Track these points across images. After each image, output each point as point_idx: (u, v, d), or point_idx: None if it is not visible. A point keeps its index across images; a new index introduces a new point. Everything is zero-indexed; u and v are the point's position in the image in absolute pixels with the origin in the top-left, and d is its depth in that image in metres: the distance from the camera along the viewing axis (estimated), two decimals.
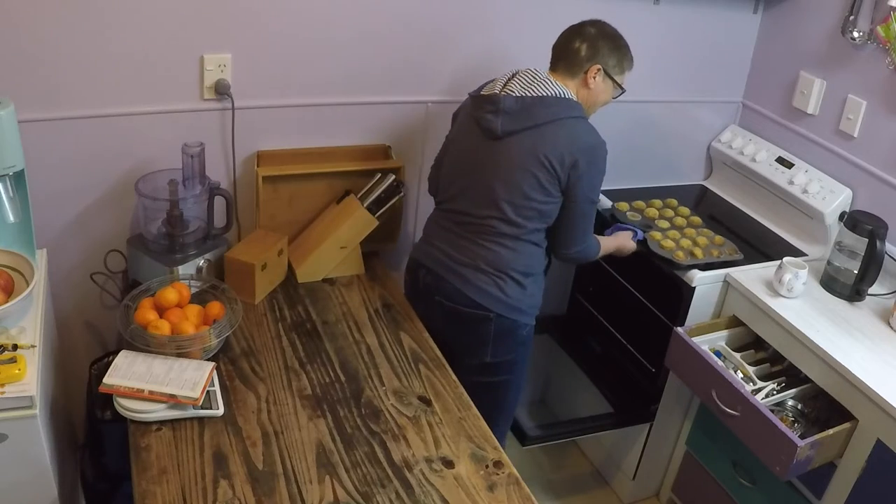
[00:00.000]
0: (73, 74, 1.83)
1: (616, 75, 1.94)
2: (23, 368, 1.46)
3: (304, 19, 2.00)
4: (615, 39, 1.94)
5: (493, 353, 1.99)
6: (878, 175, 2.24)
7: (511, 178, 1.86)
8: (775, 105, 2.58)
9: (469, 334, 1.98)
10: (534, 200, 1.87)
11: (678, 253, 2.21)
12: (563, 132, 1.84)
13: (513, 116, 1.85)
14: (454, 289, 1.95)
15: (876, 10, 2.18)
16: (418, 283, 2.05)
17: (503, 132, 1.86)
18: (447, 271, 1.96)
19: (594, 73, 1.90)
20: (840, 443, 1.89)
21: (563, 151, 1.83)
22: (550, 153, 1.82)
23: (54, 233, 1.97)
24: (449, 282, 1.95)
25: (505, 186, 1.87)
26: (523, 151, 1.84)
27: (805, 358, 1.98)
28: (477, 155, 1.92)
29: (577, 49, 1.90)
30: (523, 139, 1.85)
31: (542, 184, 1.85)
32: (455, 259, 1.96)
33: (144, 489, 1.43)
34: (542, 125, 1.84)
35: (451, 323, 1.99)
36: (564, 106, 1.87)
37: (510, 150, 1.86)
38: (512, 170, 1.86)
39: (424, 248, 2.04)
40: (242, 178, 2.14)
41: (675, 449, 2.49)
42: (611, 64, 1.92)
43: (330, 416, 1.67)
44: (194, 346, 1.71)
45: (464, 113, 1.99)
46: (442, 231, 2.01)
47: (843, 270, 2.14)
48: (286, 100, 2.08)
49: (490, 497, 1.52)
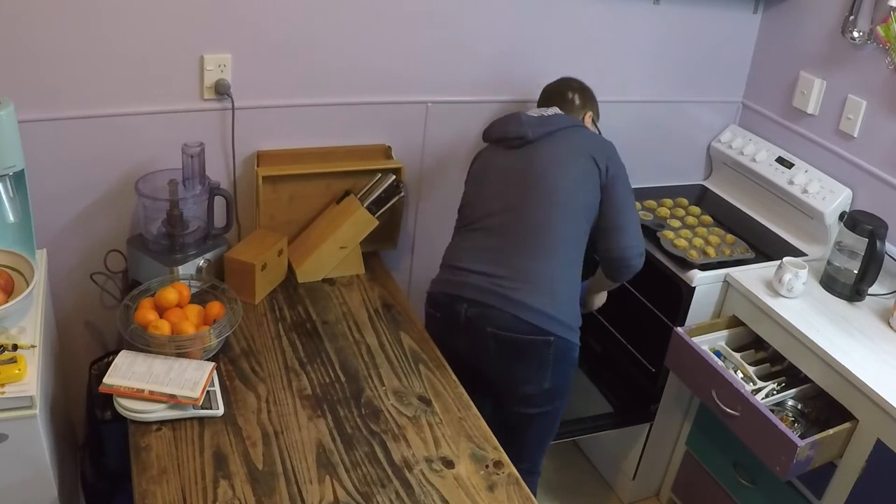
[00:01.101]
0: (72, 74, 1.83)
1: (597, 122, 2.16)
2: (23, 368, 1.45)
3: (304, 19, 2.00)
4: (592, 94, 2.15)
5: (552, 378, 1.86)
6: (878, 175, 2.24)
7: (551, 172, 1.89)
8: (775, 105, 2.58)
9: (528, 362, 1.85)
10: (580, 190, 1.89)
11: (691, 252, 2.22)
12: (586, 134, 2.00)
13: (536, 126, 1.96)
14: (510, 316, 1.79)
15: (876, 10, 2.18)
16: (459, 318, 1.86)
17: (534, 136, 1.94)
18: (497, 298, 1.81)
19: (589, 119, 2.10)
20: (840, 443, 1.89)
21: (594, 148, 1.94)
22: (585, 147, 1.93)
23: (54, 233, 1.97)
24: (502, 309, 1.80)
25: (547, 180, 1.89)
26: (558, 148, 1.93)
27: (805, 358, 1.98)
28: (511, 166, 1.95)
29: (572, 99, 2.10)
30: (553, 140, 1.94)
31: (585, 172, 1.90)
32: (504, 281, 1.81)
33: (144, 489, 1.43)
34: (565, 129, 1.97)
35: (508, 353, 1.84)
36: (574, 119, 2.04)
37: (545, 149, 1.93)
38: (551, 164, 1.90)
39: (459, 280, 1.87)
40: (242, 178, 2.14)
41: (675, 449, 2.49)
42: (595, 112, 2.14)
43: (330, 416, 1.67)
44: (194, 346, 1.71)
45: (485, 149, 2.05)
46: (478, 253, 1.88)
47: (843, 270, 2.14)
48: (286, 100, 2.08)
49: (490, 497, 1.52)
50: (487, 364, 1.89)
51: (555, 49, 2.32)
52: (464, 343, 1.90)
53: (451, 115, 2.30)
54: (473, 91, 2.29)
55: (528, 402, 1.92)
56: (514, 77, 2.31)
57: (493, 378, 1.91)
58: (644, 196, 2.55)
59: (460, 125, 2.33)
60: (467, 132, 2.35)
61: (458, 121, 2.32)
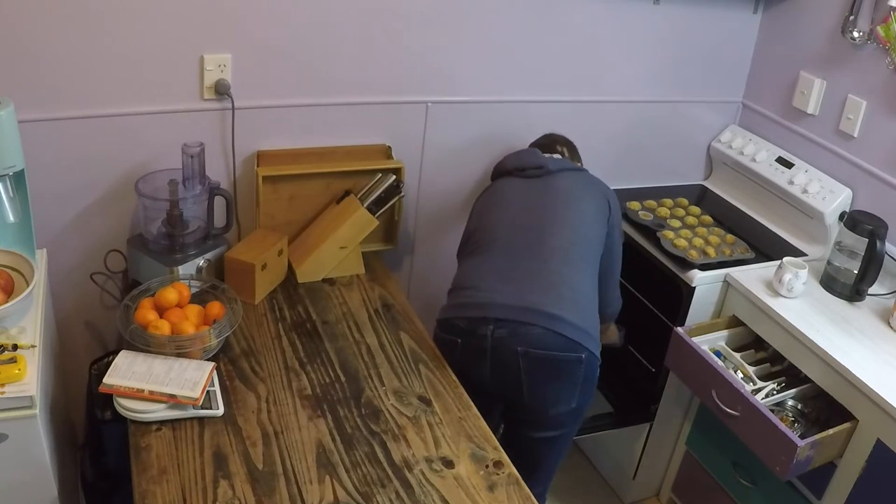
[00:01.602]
0: (73, 74, 1.83)
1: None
2: (23, 368, 1.45)
3: (304, 19, 2.00)
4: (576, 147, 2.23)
5: (580, 397, 1.82)
6: (878, 175, 2.24)
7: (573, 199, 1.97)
8: (775, 105, 2.58)
9: (561, 381, 1.79)
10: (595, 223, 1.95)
11: (691, 252, 2.22)
12: (594, 178, 2.08)
13: (551, 161, 2.05)
14: (543, 331, 1.73)
15: (876, 10, 2.18)
16: (485, 341, 1.77)
17: (554, 168, 2.02)
18: (528, 313, 1.74)
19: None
20: (840, 443, 1.89)
21: (605, 189, 2.04)
22: (597, 186, 2.03)
23: (54, 233, 1.97)
24: (534, 324, 1.73)
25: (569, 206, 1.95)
26: (575, 182, 2.01)
27: (805, 358, 1.98)
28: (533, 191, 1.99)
29: (561, 151, 2.17)
30: (568, 175, 2.03)
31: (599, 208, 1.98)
32: (533, 296, 1.77)
33: (144, 489, 1.43)
34: (574, 170, 2.07)
35: (540, 373, 1.77)
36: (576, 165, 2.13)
37: (564, 181, 2.01)
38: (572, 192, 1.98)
39: (482, 300, 1.80)
40: (242, 178, 2.14)
41: (675, 449, 2.49)
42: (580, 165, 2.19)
43: (330, 416, 1.67)
44: (194, 346, 1.71)
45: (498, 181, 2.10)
46: (501, 273, 1.83)
47: (843, 270, 2.14)
48: (286, 100, 2.08)
49: (490, 497, 1.52)
50: (515, 387, 1.79)
51: (555, 49, 2.32)
52: (490, 368, 1.80)
53: (451, 115, 2.30)
54: (473, 91, 2.29)
55: (554, 423, 1.85)
56: (514, 77, 2.31)
57: (520, 402, 1.82)
58: (644, 196, 2.55)
59: (460, 125, 2.33)
60: (467, 132, 2.35)
61: (458, 121, 2.32)
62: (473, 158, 2.40)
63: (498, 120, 2.36)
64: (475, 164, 2.41)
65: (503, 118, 2.36)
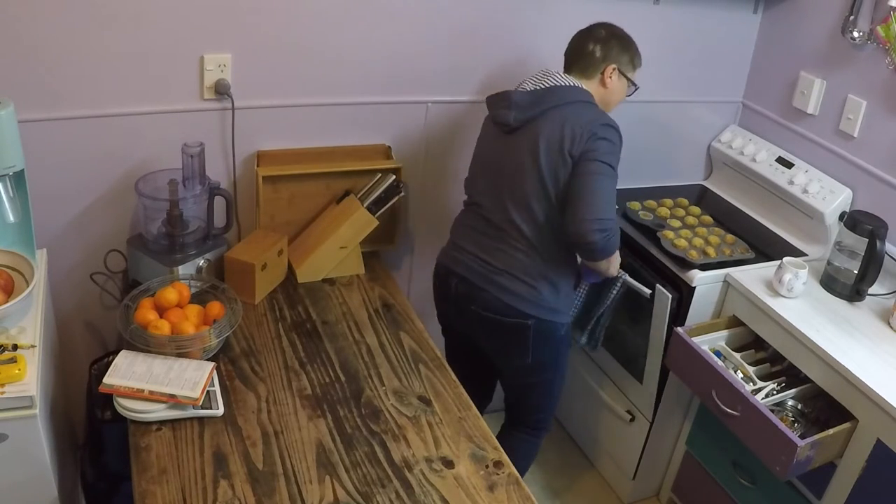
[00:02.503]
0: (73, 74, 1.83)
1: (629, 73, 2.00)
2: (23, 368, 1.45)
3: (304, 19, 2.00)
4: (624, 39, 1.99)
5: (534, 355, 1.99)
6: (878, 175, 2.24)
7: (525, 168, 1.87)
8: (775, 105, 2.58)
9: (509, 341, 1.99)
10: (552, 187, 1.85)
11: (691, 252, 2.22)
12: (571, 112, 1.86)
13: (524, 108, 1.89)
14: (492, 297, 1.92)
15: (876, 10, 2.18)
16: (450, 290, 2.01)
17: (515, 122, 1.89)
18: (482, 280, 1.93)
19: (610, 73, 1.95)
20: (840, 443, 1.89)
21: (575, 129, 1.82)
22: (560, 133, 1.83)
23: (54, 233, 1.97)
24: (486, 290, 1.93)
25: (522, 179, 1.88)
26: (536, 140, 1.86)
27: (805, 358, 1.98)
28: (495, 152, 1.96)
29: (592, 51, 1.95)
30: (534, 126, 1.87)
31: (556, 166, 1.84)
32: (489, 266, 1.93)
33: (144, 489, 1.43)
34: (550, 109, 1.87)
35: (489, 331, 1.99)
36: (574, 92, 1.91)
37: (523, 140, 1.89)
38: (525, 160, 1.87)
39: (454, 255, 2.01)
40: (242, 178, 2.14)
41: (675, 449, 2.49)
42: (623, 62, 1.97)
43: (330, 416, 1.67)
44: (194, 346, 1.71)
45: (486, 116, 2.02)
46: (471, 233, 1.99)
47: (843, 270, 2.14)
48: (286, 100, 2.08)
49: (490, 497, 1.52)
50: (475, 336, 2.05)
51: (555, 49, 2.32)
52: (454, 313, 2.07)
53: (451, 115, 2.30)
54: (473, 91, 2.29)
55: (518, 373, 2.07)
56: (514, 77, 2.30)
57: (482, 347, 2.06)
58: (644, 196, 2.55)
59: (460, 125, 2.33)
60: (467, 132, 2.35)
61: (458, 121, 2.32)
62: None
63: None
64: None
65: None
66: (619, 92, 2.00)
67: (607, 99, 1.99)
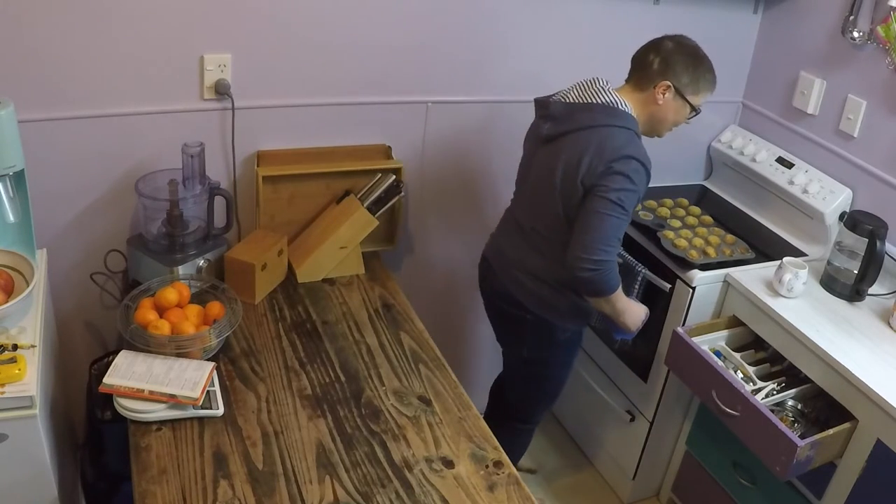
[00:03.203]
0: (73, 74, 1.83)
1: (689, 94, 1.85)
2: (23, 368, 1.45)
3: (304, 19, 2.00)
4: (693, 57, 1.84)
5: (529, 350, 2.08)
6: (878, 175, 2.24)
7: (546, 184, 1.84)
8: (775, 105, 2.58)
9: (508, 329, 2.13)
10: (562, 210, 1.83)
11: (692, 252, 2.22)
12: (596, 138, 1.77)
13: (559, 122, 1.84)
14: (502, 286, 2.03)
15: (876, 10, 2.18)
16: (481, 273, 2.16)
17: (547, 136, 1.85)
18: (501, 269, 2.04)
19: (663, 90, 1.82)
20: (840, 443, 1.89)
21: (593, 160, 1.75)
22: (578, 160, 1.77)
23: (54, 233, 1.97)
24: (500, 280, 2.04)
25: (544, 192, 1.86)
26: (557, 156, 1.81)
27: (805, 358, 1.98)
28: (530, 157, 1.97)
29: (651, 62, 1.83)
30: (561, 143, 1.82)
31: (570, 197, 1.80)
32: (508, 259, 2.02)
33: (144, 489, 1.43)
34: (579, 130, 1.80)
35: (496, 316, 2.16)
36: (610, 114, 1.80)
37: (551, 155, 1.84)
38: (547, 175, 1.84)
39: (491, 241, 2.13)
40: (242, 178, 2.14)
41: (675, 449, 2.49)
42: (683, 82, 1.83)
43: (330, 416, 1.67)
44: (194, 346, 1.71)
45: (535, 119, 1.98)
46: (505, 226, 2.08)
47: (843, 270, 2.14)
48: (286, 100, 2.08)
49: (490, 497, 1.52)
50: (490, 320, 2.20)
51: (555, 49, 2.32)
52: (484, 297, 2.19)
53: (451, 115, 2.30)
54: (473, 91, 2.29)
55: (515, 362, 2.18)
56: (514, 77, 2.31)
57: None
58: (644, 196, 2.53)
59: (460, 125, 2.33)
60: (467, 132, 2.35)
61: (458, 121, 2.32)
62: (473, 158, 2.40)
63: (498, 120, 2.36)
64: (475, 164, 2.41)
65: (503, 118, 2.35)
66: (672, 112, 1.86)
67: (658, 116, 1.86)
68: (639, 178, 1.76)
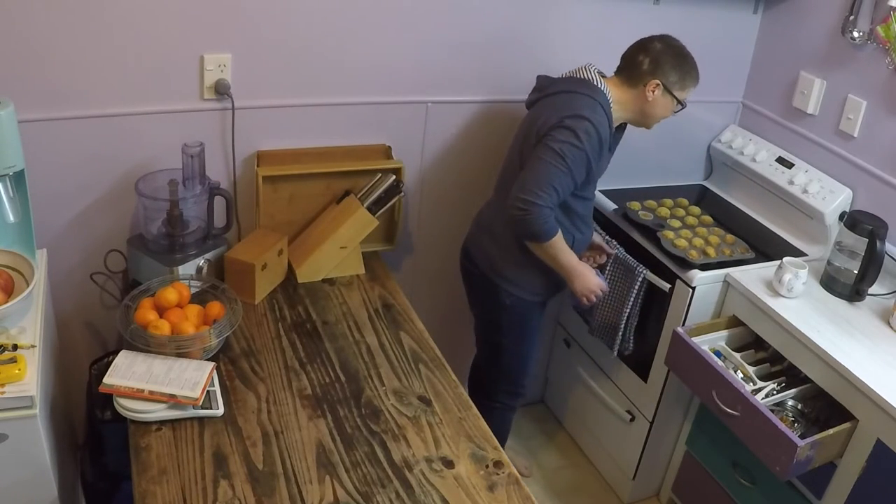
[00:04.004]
0: (73, 74, 1.83)
1: (676, 91, 1.97)
2: (23, 368, 1.46)
3: (304, 19, 2.00)
4: (679, 58, 1.96)
5: (480, 309, 2.23)
6: (878, 175, 2.24)
7: (516, 143, 2.02)
8: (775, 105, 2.58)
9: (467, 289, 2.26)
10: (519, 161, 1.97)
11: (692, 252, 2.22)
12: (561, 100, 1.93)
13: (539, 90, 2.03)
14: (466, 244, 2.21)
15: (876, 10, 2.18)
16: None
17: (528, 103, 2.06)
18: (472, 230, 2.21)
19: (653, 88, 1.94)
20: (840, 443, 1.89)
21: (550, 115, 1.90)
22: (541, 116, 1.92)
23: (54, 233, 1.97)
24: (468, 239, 2.21)
25: (513, 153, 2.03)
26: (526, 124, 2.00)
27: (805, 358, 1.98)
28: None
29: (640, 62, 1.95)
30: (535, 110, 2.00)
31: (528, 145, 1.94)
32: (480, 221, 2.18)
33: (144, 489, 1.43)
34: (552, 94, 1.96)
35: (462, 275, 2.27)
36: (583, 85, 1.94)
37: (527, 119, 2.02)
38: (519, 136, 2.02)
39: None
40: (242, 178, 2.14)
41: (675, 449, 2.49)
42: (671, 80, 1.95)
43: (330, 416, 1.67)
44: (194, 346, 1.71)
45: None
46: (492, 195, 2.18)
47: (843, 270, 2.14)
48: (286, 100, 2.08)
49: (490, 497, 1.52)
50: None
51: (555, 49, 2.32)
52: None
53: (451, 115, 2.30)
54: (473, 91, 2.29)
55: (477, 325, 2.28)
56: (514, 77, 2.31)
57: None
58: (644, 196, 2.55)
59: (460, 125, 2.33)
60: (467, 132, 2.35)
61: (458, 121, 2.32)
62: (473, 158, 2.40)
63: (498, 120, 2.36)
64: (475, 163, 2.41)
65: (503, 118, 2.35)
66: (661, 107, 1.99)
67: (648, 111, 1.99)
68: (587, 139, 1.86)
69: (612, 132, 1.98)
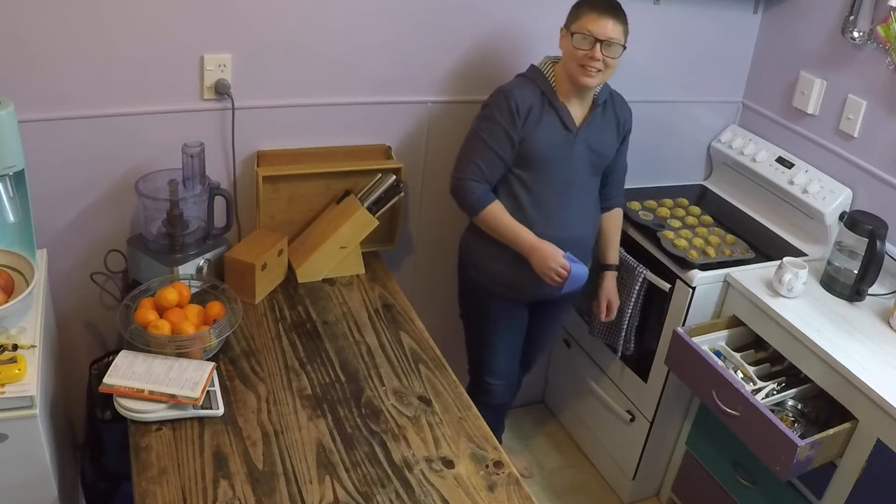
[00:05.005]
0: (72, 74, 1.83)
1: (572, 26, 1.92)
2: (23, 368, 1.46)
3: (304, 19, 2.00)
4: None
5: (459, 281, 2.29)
6: (878, 175, 2.24)
7: None
8: (775, 105, 2.58)
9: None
10: None
11: (692, 252, 2.22)
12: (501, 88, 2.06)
13: None
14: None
15: (876, 10, 2.18)
16: None
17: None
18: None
19: (560, 38, 1.99)
20: (840, 443, 1.89)
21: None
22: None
23: (54, 233, 1.97)
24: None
25: None
26: None
27: (805, 358, 1.98)
28: None
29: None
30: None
31: None
32: None
33: (144, 489, 1.43)
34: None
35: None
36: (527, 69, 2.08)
37: None
38: None
39: None
40: (242, 178, 2.14)
41: (675, 449, 2.49)
42: (568, 20, 1.96)
43: (330, 416, 1.67)
44: (194, 346, 1.71)
45: None
46: None
47: (843, 270, 2.14)
48: (286, 100, 2.08)
49: (490, 497, 1.52)
50: None
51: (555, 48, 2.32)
52: None
53: (451, 115, 2.30)
54: (473, 91, 2.29)
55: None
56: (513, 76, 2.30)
57: None
58: (644, 196, 2.55)
59: (460, 125, 2.32)
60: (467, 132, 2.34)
61: (458, 121, 2.32)
62: None
63: None
64: None
65: None
66: (567, 53, 1.95)
67: (562, 62, 1.99)
68: (498, 109, 1.97)
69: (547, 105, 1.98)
